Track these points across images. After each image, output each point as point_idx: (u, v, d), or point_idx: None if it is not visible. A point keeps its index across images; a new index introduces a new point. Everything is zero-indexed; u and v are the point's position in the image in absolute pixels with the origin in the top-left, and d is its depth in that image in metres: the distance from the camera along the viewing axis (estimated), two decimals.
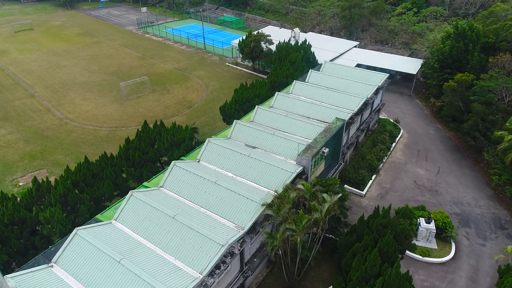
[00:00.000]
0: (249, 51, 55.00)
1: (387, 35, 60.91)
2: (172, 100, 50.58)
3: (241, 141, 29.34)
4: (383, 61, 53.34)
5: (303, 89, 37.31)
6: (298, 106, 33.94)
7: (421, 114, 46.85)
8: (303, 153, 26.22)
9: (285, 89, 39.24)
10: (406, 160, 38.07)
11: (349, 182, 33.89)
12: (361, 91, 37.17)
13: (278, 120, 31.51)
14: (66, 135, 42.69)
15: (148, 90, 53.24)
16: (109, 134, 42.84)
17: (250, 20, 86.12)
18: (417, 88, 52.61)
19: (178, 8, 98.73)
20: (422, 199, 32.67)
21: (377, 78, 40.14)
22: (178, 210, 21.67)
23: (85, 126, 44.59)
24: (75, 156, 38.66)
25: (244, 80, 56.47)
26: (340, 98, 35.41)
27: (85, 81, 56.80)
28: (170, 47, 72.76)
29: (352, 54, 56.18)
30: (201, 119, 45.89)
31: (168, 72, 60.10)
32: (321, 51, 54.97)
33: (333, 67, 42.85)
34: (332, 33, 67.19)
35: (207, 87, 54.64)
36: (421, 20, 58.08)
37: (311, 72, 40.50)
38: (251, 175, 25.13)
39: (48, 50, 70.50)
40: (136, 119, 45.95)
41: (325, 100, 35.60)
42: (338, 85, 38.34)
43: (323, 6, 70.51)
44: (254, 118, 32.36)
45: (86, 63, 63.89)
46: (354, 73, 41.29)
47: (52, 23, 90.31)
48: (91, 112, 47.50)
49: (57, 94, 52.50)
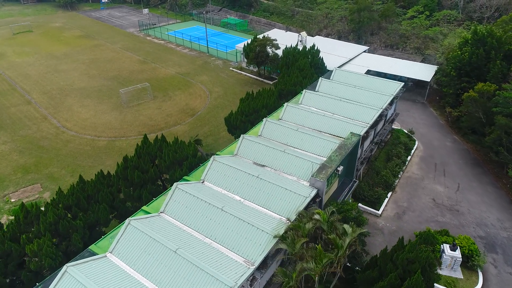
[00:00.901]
0: (254, 56, 52.76)
1: (398, 39, 58.53)
2: (174, 108, 48.38)
3: (248, 158, 27.09)
4: (395, 67, 50.99)
5: (314, 99, 35.01)
6: (309, 119, 31.65)
7: (436, 124, 44.49)
8: (317, 174, 23.95)
9: (294, 98, 36.97)
10: (423, 175, 35.74)
11: (363, 201, 31.62)
12: (375, 102, 34.83)
13: (288, 135, 29.24)
14: (63, 145, 40.54)
15: (149, 96, 51.07)
16: (108, 144, 40.67)
17: (255, 23, 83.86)
18: (430, 96, 50.25)
19: (180, 9, 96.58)
20: (443, 220, 30.34)
21: (392, 87, 37.78)
22: (180, 241, 19.44)
23: (82, 135, 42.43)
24: (71, 169, 36.53)
25: (249, 86, 54.40)
26: (354, 110, 33.08)
27: (84, 86, 54.67)
28: (172, 50, 70.59)
29: (361, 59, 53.86)
30: (204, 128, 43.68)
31: (170, 77, 57.93)
32: (329, 56, 52.68)
33: (344, 74, 40.51)
34: (340, 36, 64.87)
35: (210, 93, 52.43)
36: (433, 24, 55.68)
37: (321, 81, 38.18)
38: (261, 199, 22.88)
39: (46, 54, 68.43)
40: (136, 128, 43.77)
41: (337, 112, 33.30)
42: (350, 95, 36.01)
43: (330, 9, 68.14)
44: (262, 132, 30.09)
45: (85, 67, 61.78)
46: (366, 81, 38.93)
47: (52, 24, 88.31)
48: (89, 120, 45.35)
49: (55, 101, 50.37)
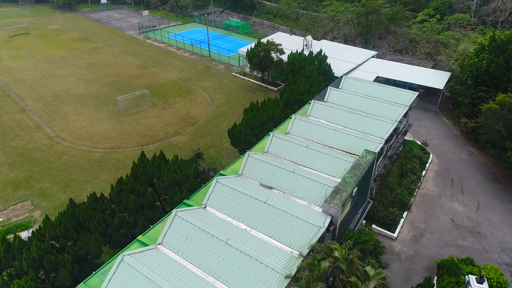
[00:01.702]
0: (258, 61, 50.51)
1: (407, 43, 56.21)
2: (175, 116, 46.15)
3: (254, 179, 24.85)
4: (405, 73, 48.67)
5: (323, 111, 32.76)
6: (319, 133, 29.41)
7: (450, 134, 42.19)
8: (331, 199, 21.72)
9: (302, 109, 34.74)
10: (439, 192, 33.45)
11: (377, 222, 29.34)
12: (389, 113, 32.59)
13: (297, 152, 27.02)
14: (56, 157, 38.35)
15: (148, 104, 48.86)
16: (104, 156, 38.46)
17: (258, 25, 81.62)
18: (442, 104, 47.95)
19: (181, 11, 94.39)
20: (464, 244, 28.06)
21: (406, 97, 35.51)
22: (180, 282, 17.21)
23: (78, 146, 40.23)
24: (64, 185, 34.31)
25: (252, 93, 52.19)
26: (366, 123, 30.84)
27: (81, 92, 52.49)
28: (173, 54, 68.38)
29: (370, 65, 51.57)
30: (206, 139, 41.44)
31: (171, 83, 55.72)
32: (336, 61, 50.40)
33: (354, 83, 38.24)
34: (347, 40, 62.58)
35: (212, 100, 50.20)
36: (445, 29, 53.36)
37: (330, 90, 35.93)
38: (269, 228, 20.65)
39: (43, 57, 66.28)
40: (134, 138, 41.55)
41: (348, 125, 31.06)
42: (362, 106, 33.77)
43: (336, 12, 65.86)
44: (268, 148, 27.87)
45: (82, 72, 59.59)
46: (378, 90, 36.66)
47: (50, 27, 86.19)
48: (85, 130, 43.14)
49: (49, 108, 48.19)
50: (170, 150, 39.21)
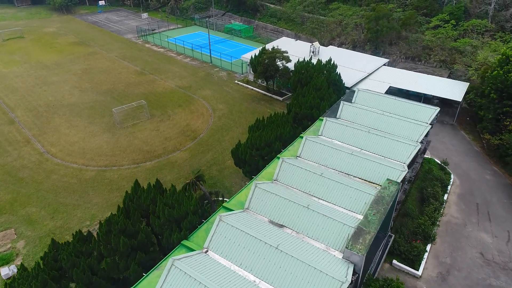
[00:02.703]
0: (263, 70, 47.48)
1: (420, 50, 53.12)
2: (174, 129, 43.13)
3: (263, 215, 21.84)
4: (420, 83, 45.58)
5: (337, 130, 29.70)
6: (333, 158, 26.37)
7: (470, 151, 39.14)
8: (352, 244, 18.70)
9: (313, 126, 31.71)
10: (464, 219, 30.41)
11: (398, 256, 26.32)
12: (409, 133, 29.52)
13: (310, 181, 23.98)
14: (45, 176, 35.37)
15: (145, 115, 45.86)
16: (97, 176, 35.47)
17: (261, 29, 78.55)
18: (460, 116, 44.88)
19: (181, 13, 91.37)
20: (497, 283, 25.02)
21: (426, 113, 32.39)
22: None
23: (69, 164, 37.25)
24: (52, 209, 31.33)
25: (256, 103, 49.19)
26: (386, 145, 27.81)
27: (74, 102, 49.50)
28: (173, 59, 65.35)
29: (381, 74, 48.51)
30: (207, 155, 38.43)
31: (170, 92, 52.71)
32: (345, 70, 47.40)
33: (368, 96, 35.16)
34: (355, 46, 59.52)
35: (214, 111, 47.18)
36: (462, 35, 50.25)
37: (343, 105, 32.86)
38: (282, 281, 17.62)
39: (36, 63, 63.30)
40: (130, 154, 38.56)
41: (365, 146, 28.03)
42: (379, 124, 30.71)
43: (344, 16, 62.74)
44: (278, 176, 24.84)
45: (77, 79, 56.61)
46: (395, 105, 33.56)
47: (45, 29, 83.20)
48: (77, 145, 40.15)
49: (40, 120, 45.20)
50: (169, 169, 36.31)
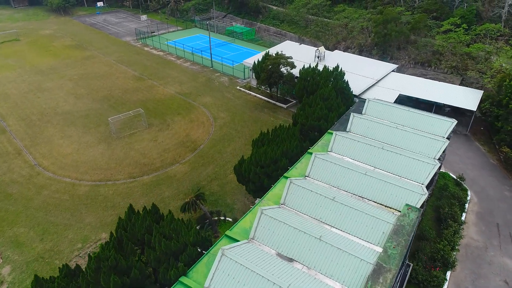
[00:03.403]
0: (266, 76, 45.33)
1: (430, 56, 50.95)
2: (173, 139, 41.00)
3: (270, 246, 19.68)
4: (431, 91, 43.38)
5: (347, 146, 27.54)
6: (345, 178, 24.23)
7: (486, 164, 36.96)
8: (372, 285, 16.54)
9: (321, 140, 29.55)
10: (485, 242, 28.24)
11: (417, 286, 24.17)
12: (426, 149, 27.36)
13: (321, 206, 21.83)
14: (36, 193, 33.25)
15: (143, 124, 43.74)
16: (91, 191, 33.35)
17: (263, 31, 76.39)
18: (473, 126, 42.69)
19: (182, 15, 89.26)
20: None
21: (442, 125, 30.20)
22: None
23: (61, 178, 35.14)
24: (42, 230, 29.21)
25: (259, 111, 47.04)
26: (402, 163, 25.66)
27: (69, 110, 47.39)
28: (172, 64, 63.22)
29: (391, 81, 46.33)
30: (208, 169, 36.29)
31: (169, 98, 50.58)
32: (352, 76, 45.25)
33: (380, 107, 32.97)
34: (361, 50, 57.36)
35: (215, 120, 45.04)
36: (474, 40, 48.06)
37: (353, 118, 30.69)
38: None
39: (31, 67, 61.22)
40: (126, 168, 36.44)
41: (379, 165, 25.90)
42: (392, 138, 28.59)
43: (350, 19, 60.55)
44: (285, 199, 22.69)
45: (73, 85, 54.51)
46: (409, 117, 31.37)
47: (42, 32, 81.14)
48: (71, 157, 38.04)
49: (33, 129, 43.10)
50: (167, 184, 34.20)
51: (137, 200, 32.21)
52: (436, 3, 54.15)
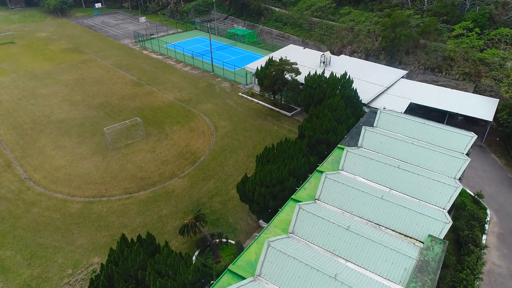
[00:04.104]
0: (270, 83, 43.20)
1: (441, 61, 48.75)
2: (172, 151, 38.87)
3: (279, 285, 17.54)
4: (444, 99, 41.21)
5: (360, 165, 25.39)
6: (360, 202, 22.07)
7: (505, 179, 34.80)
8: None
9: (331, 156, 27.44)
10: (509, 268, 26.06)
11: None
12: (446, 167, 25.23)
13: (335, 236, 19.68)
14: (25, 210, 31.13)
15: (141, 133, 41.61)
16: (83, 209, 31.22)
17: (265, 34, 74.19)
18: (488, 136, 40.51)
19: (182, 17, 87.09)
20: None
21: (461, 140, 28.10)
22: None
23: (52, 194, 33.02)
24: (30, 253, 27.09)
25: (262, 119, 44.88)
26: (420, 184, 23.51)
27: (63, 118, 45.25)
28: (172, 68, 61.07)
29: (400, 88, 44.13)
30: (208, 183, 34.15)
31: (168, 105, 48.43)
32: (360, 83, 43.12)
33: (392, 120, 30.80)
34: (368, 55, 55.19)
35: (216, 129, 42.89)
36: (488, 45, 45.85)
37: (365, 132, 28.55)
38: None
39: (25, 72, 59.09)
40: (121, 182, 34.31)
41: (396, 186, 23.75)
42: (408, 155, 26.48)
43: (356, 22, 58.32)
44: (295, 228, 20.54)
45: (68, 91, 52.38)
46: (424, 130, 29.23)
47: (38, 34, 78.99)
48: (63, 170, 35.92)
49: (25, 139, 40.98)
50: (165, 200, 32.08)
51: (132, 219, 30.11)
52: (447, 6, 51.93)
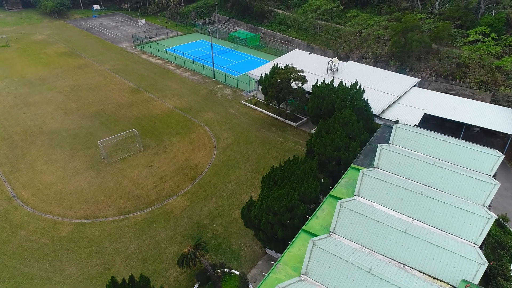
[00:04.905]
0: (275, 93, 40.76)
1: (454, 68, 46.22)
2: (170, 165, 36.44)
3: None
4: (460, 110, 38.68)
5: (378, 190, 22.92)
6: (379, 237, 19.60)
7: None
8: None
9: (344, 178, 25.02)
10: None
11: None
12: (473, 193, 22.76)
13: (354, 280, 17.22)
14: (11, 234, 28.71)
15: (138, 146, 39.20)
16: (74, 232, 28.80)
17: (268, 37, 71.70)
18: (508, 150, 38.00)
19: (182, 19, 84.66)
20: None
21: (487, 160, 25.54)
22: None
23: (41, 214, 30.61)
24: (13, 284, 24.67)
25: (266, 129, 42.44)
26: (447, 214, 21.03)
27: (56, 128, 42.86)
28: (171, 73, 58.64)
29: (413, 97, 41.58)
30: (210, 203, 31.70)
31: (167, 114, 45.99)
32: (371, 92, 40.64)
33: (409, 136, 28.35)
34: (377, 61, 52.67)
35: (217, 140, 40.46)
36: (506, 52, 43.30)
37: (381, 150, 26.07)
38: None
39: (19, 78, 56.73)
40: (116, 201, 31.88)
41: (419, 216, 21.27)
42: (430, 178, 23.99)
43: (364, 26, 55.78)
44: (308, 269, 18.07)
45: (63, 99, 49.99)
46: (446, 148, 26.74)
47: (34, 37, 76.65)
48: (54, 187, 33.51)
49: (15, 152, 38.59)
50: (163, 222, 29.67)
51: (127, 244, 27.68)
52: (460, 9, 49.35)
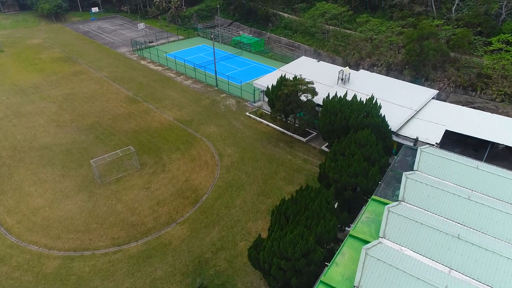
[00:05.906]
0: (282, 106, 37.73)
1: (474, 78, 43.08)
2: (169, 187, 33.43)
3: None
4: (485, 126, 35.52)
5: (407, 231, 19.83)
6: None
7: None
8: None
9: (365, 213, 21.91)
10: None
11: None
12: None
13: None
14: None
15: (134, 164, 36.23)
16: (61, 268, 25.82)
17: (273, 42, 68.63)
18: None
19: (183, 22, 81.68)
20: None
21: None
22: None
23: (26, 245, 27.64)
24: None
25: (273, 145, 39.42)
26: (490, 263, 17.98)
27: (48, 143, 39.92)
28: (171, 81, 55.67)
29: (432, 111, 38.35)
30: (212, 232, 28.66)
31: (167, 127, 43.00)
32: (386, 105, 37.39)
33: (437, 162, 25.25)
34: (390, 69, 49.56)
35: (221, 157, 37.45)
36: None
37: (406, 181, 23.01)
38: None
39: (11, 86, 53.86)
40: (109, 229, 28.90)
41: (457, 266, 18.18)
42: (466, 215, 20.91)
43: (375, 32, 52.66)
44: None
45: (56, 109, 47.07)
46: (479, 178, 23.67)
47: (30, 41, 73.82)
48: (42, 213, 30.54)
49: (1, 171, 35.65)
50: (160, 256, 26.68)
51: (119, 283, 24.70)
52: (479, 15, 46.19)
